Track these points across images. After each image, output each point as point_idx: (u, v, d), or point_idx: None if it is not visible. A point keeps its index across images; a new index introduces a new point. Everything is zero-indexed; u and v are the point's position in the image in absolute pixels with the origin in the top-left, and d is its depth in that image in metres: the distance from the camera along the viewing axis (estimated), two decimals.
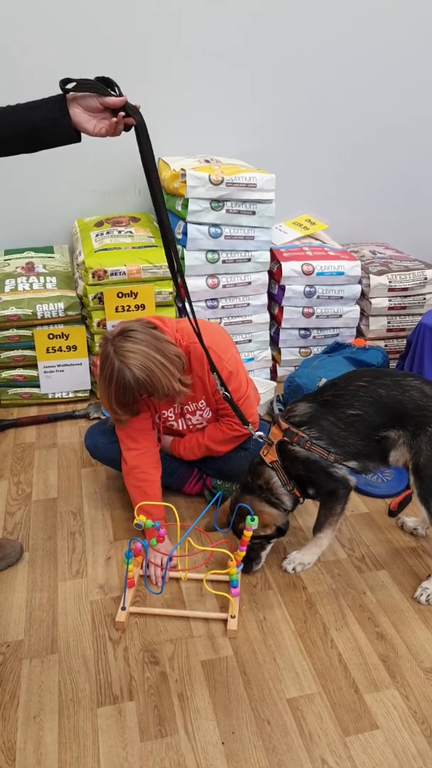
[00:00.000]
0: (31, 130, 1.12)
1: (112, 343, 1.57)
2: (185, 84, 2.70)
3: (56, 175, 2.74)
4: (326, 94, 2.86)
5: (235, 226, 2.48)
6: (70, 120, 1.13)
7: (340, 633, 1.55)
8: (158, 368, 1.56)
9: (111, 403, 1.62)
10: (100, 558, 1.79)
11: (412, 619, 1.59)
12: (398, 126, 3.00)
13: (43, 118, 1.12)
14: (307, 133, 2.92)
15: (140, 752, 1.28)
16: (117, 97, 1.14)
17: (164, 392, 1.60)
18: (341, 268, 2.64)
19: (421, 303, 2.76)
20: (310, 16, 2.70)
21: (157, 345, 1.58)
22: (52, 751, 1.28)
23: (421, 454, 1.55)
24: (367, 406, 1.57)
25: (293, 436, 1.59)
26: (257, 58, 2.73)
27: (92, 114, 1.15)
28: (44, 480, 2.14)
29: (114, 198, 2.85)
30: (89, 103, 1.14)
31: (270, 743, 1.30)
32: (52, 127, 1.12)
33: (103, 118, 1.15)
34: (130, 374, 1.54)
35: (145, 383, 1.56)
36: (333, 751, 1.28)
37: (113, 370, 1.55)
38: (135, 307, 2.47)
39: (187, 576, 1.69)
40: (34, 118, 1.12)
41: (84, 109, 1.14)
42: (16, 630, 1.56)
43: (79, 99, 1.14)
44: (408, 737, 1.31)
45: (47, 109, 1.12)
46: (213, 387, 1.73)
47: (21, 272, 2.58)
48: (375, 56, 2.83)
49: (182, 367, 1.66)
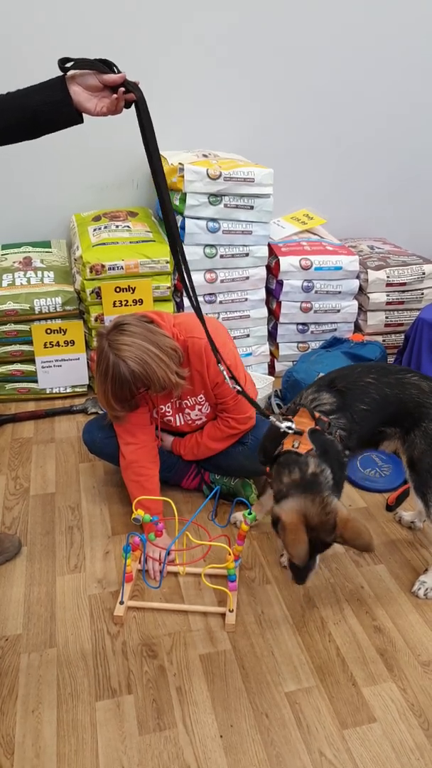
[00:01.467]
0: (33, 114, 1.11)
1: (107, 337, 1.57)
2: (183, 78, 2.68)
3: (54, 170, 2.73)
4: (325, 89, 2.85)
5: (233, 221, 2.48)
6: (71, 100, 1.11)
7: (338, 627, 1.56)
8: (153, 360, 1.55)
9: (108, 399, 1.62)
10: (99, 552, 1.79)
11: (409, 613, 1.60)
12: (397, 120, 2.99)
13: (44, 102, 1.10)
14: (305, 128, 2.91)
15: (139, 745, 1.28)
16: (116, 74, 1.13)
17: (161, 385, 1.59)
18: (339, 263, 2.63)
19: (419, 298, 2.75)
20: (309, 8, 2.68)
21: (151, 338, 1.58)
22: (51, 745, 1.28)
23: (416, 448, 1.56)
24: (375, 404, 1.57)
25: (326, 425, 1.50)
26: (256, 53, 2.72)
27: (92, 93, 1.13)
28: (42, 475, 2.14)
29: (112, 192, 2.84)
30: (88, 81, 1.12)
31: (268, 736, 1.30)
32: (54, 109, 1.11)
33: (103, 97, 1.14)
34: (126, 367, 1.53)
35: (141, 375, 1.56)
36: (331, 744, 1.29)
37: (109, 365, 1.55)
38: (133, 301, 2.46)
39: (185, 570, 1.69)
40: (36, 102, 1.10)
41: (84, 89, 1.12)
42: (14, 624, 1.56)
43: (79, 78, 1.12)
44: (405, 730, 1.32)
45: (48, 92, 1.11)
46: (213, 382, 1.73)
47: (18, 267, 2.57)
48: (374, 50, 2.82)
49: (178, 360, 1.65)
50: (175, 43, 2.62)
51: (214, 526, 1.85)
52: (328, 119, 2.92)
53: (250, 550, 1.79)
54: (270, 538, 1.85)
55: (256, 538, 1.82)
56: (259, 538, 1.83)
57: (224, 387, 1.73)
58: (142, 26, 2.57)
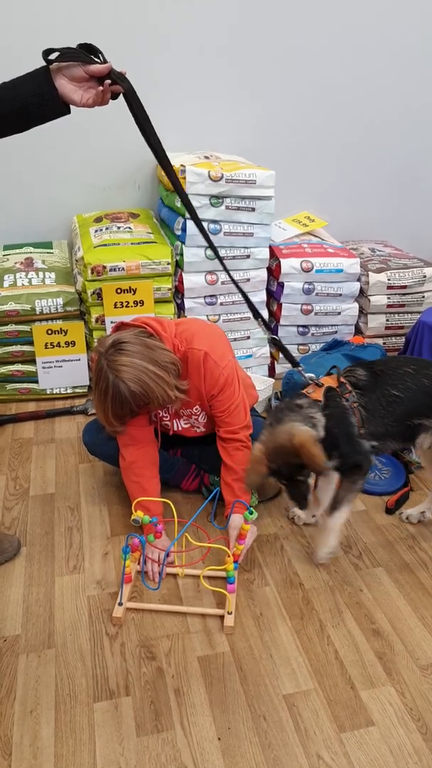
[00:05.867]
0: (21, 108, 1.08)
1: (105, 356, 1.57)
2: (185, 80, 2.69)
3: (55, 170, 2.73)
4: (326, 91, 2.85)
5: (235, 223, 2.48)
6: (57, 92, 1.09)
7: (337, 630, 1.56)
8: (152, 380, 1.56)
9: (108, 417, 1.62)
10: (98, 553, 1.79)
11: (408, 617, 1.59)
12: (399, 123, 2.99)
13: (30, 94, 1.08)
14: (306, 130, 2.91)
15: (136, 747, 1.28)
16: (101, 64, 1.11)
17: (159, 402, 1.61)
18: (340, 266, 2.63)
19: (419, 301, 2.75)
20: (310, 9, 2.69)
21: (150, 355, 1.58)
22: (48, 746, 1.28)
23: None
24: (410, 392, 1.61)
25: (345, 392, 1.59)
26: (257, 54, 2.72)
27: (78, 84, 1.11)
28: (42, 475, 2.14)
29: (113, 193, 2.84)
30: (74, 73, 1.10)
31: (266, 739, 1.30)
32: (41, 102, 1.09)
33: (89, 88, 1.12)
34: (125, 388, 1.54)
35: (141, 396, 1.57)
36: (329, 747, 1.29)
37: (108, 385, 1.55)
38: (134, 303, 2.46)
39: (184, 572, 1.69)
40: (22, 95, 1.08)
41: (69, 80, 1.10)
42: (12, 625, 1.56)
43: (64, 69, 1.10)
44: (404, 734, 1.31)
45: (33, 83, 1.08)
46: (208, 394, 1.73)
47: (20, 267, 2.57)
48: (375, 51, 2.82)
49: (177, 372, 1.65)
50: (176, 43, 2.63)
51: (214, 527, 1.85)
52: (330, 121, 2.92)
53: (250, 553, 1.79)
54: (269, 540, 1.85)
55: (255, 541, 1.82)
56: (258, 541, 1.83)
57: (219, 399, 1.73)
58: (142, 26, 2.57)
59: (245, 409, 1.79)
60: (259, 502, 1.97)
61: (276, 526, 1.91)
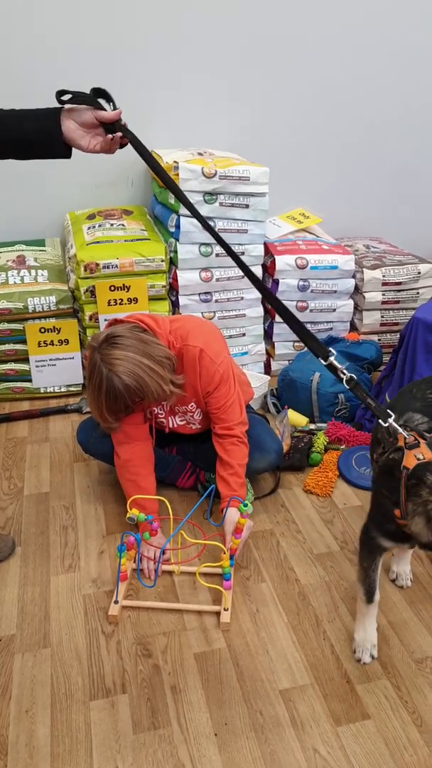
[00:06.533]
0: (24, 142, 1.12)
1: (99, 350, 1.56)
2: (179, 76, 2.68)
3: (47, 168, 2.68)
4: (321, 88, 2.85)
5: (229, 219, 2.47)
6: (62, 136, 1.12)
7: (333, 625, 1.56)
8: (147, 374, 1.54)
9: (102, 412, 1.61)
10: (93, 552, 1.79)
11: (403, 611, 1.60)
12: (393, 120, 2.99)
13: (37, 131, 1.11)
14: (301, 127, 2.91)
15: (133, 744, 1.28)
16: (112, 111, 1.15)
17: (154, 397, 1.59)
18: (335, 262, 2.63)
19: (414, 297, 2.76)
20: (310, 9, 2.68)
21: (144, 349, 1.56)
22: (45, 745, 1.28)
23: None
24: None
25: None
26: (251, 50, 2.71)
27: (86, 130, 1.14)
28: (36, 474, 2.13)
29: (106, 190, 2.83)
30: (83, 117, 1.13)
31: (262, 734, 1.31)
32: (45, 141, 1.12)
33: (97, 134, 1.16)
34: (119, 381, 1.52)
35: (135, 390, 1.55)
36: (325, 741, 1.29)
37: (102, 379, 1.54)
38: (127, 300, 2.46)
39: (180, 569, 1.69)
40: (28, 130, 1.11)
41: (78, 125, 1.13)
42: (8, 624, 1.55)
43: (74, 113, 1.13)
44: (399, 727, 1.32)
45: (42, 122, 1.11)
46: (204, 391, 1.73)
47: (12, 265, 2.56)
48: (372, 49, 2.82)
49: (172, 367, 1.64)
50: (171, 40, 2.61)
51: (209, 524, 1.85)
52: (325, 118, 2.92)
53: (246, 549, 1.79)
54: (265, 536, 1.85)
55: (251, 537, 1.82)
56: (254, 537, 1.83)
57: (215, 396, 1.73)
58: (138, 23, 2.56)
59: (241, 406, 1.79)
60: (255, 499, 1.97)
61: (272, 522, 1.91)
